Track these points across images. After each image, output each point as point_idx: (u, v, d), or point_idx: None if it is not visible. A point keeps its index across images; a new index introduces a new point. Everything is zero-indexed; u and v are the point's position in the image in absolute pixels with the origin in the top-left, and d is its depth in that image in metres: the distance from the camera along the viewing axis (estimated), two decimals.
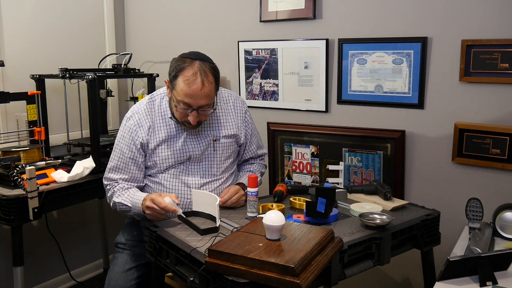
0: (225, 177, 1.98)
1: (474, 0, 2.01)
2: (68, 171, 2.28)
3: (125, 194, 1.86)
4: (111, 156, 1.93)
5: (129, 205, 1.82)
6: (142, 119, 1.87)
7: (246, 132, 2.04)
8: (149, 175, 1.93)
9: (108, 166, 1.93)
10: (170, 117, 1.87)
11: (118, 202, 1.86)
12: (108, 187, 1.93)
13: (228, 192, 1.87)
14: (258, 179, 2.03)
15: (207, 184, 1.92)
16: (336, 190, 2.09)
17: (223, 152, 1.94)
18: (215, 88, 1.78)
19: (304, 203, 1.85)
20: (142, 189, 1.94)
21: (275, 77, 2.64)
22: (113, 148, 1.93)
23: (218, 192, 1.93)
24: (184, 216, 1.73)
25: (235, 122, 1.99)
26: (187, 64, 1.73)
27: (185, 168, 1.89)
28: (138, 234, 2.02)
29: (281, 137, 2.63)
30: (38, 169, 2.22)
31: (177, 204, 1.70)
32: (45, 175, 2.24)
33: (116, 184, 1.90)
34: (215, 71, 1.78)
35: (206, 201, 1.75)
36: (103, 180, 1.95)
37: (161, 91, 1.95)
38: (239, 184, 1.98)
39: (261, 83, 2.70)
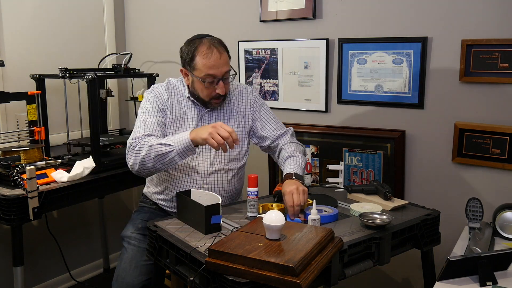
0: (233, 168, 1.99)
1: (474, 0, 2.01)
2: (68, 171, 2.28)
3: (161, 140, 1.79)
4: (137, 121, 1.91)
5: (170, 143, 1.74)
6: (162, 93, 1.95)
7: (254, 116, 2.04)
8: None
9: (137, 129, 1.87)
10: (187, 97, 1.95)
11: (158, 144, 1.76)
12: (133, 144, 1.82)
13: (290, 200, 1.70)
14: (302, 159, 1.95)
15: (215, 173, 1.95)
16: (336, 190, 2.10)
17: None
18: (228, 57, 1.90)
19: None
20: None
21: (275, 77, 2.64)
22: (138, 116, 1.93)
23: (225, 183, 1.98)
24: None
25: (246, 108, 2.04)
26: (197, 44, 1.86)
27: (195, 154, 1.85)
28: (143, 228, 1.98)
29: None
30: (38, 169, 2.22)
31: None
32: (45, 175, 2.24)
33: (144, 139, 1.81)
34: (223, 42, 1.92)
35: (207, 200, 1.75)
36: (128, 141, 1.85)
37: (174, 79, 2.04)
38: (287, 176, 1.86)
39: (261, 83, 2.70)
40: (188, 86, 1.95)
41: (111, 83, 3.12)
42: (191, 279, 1.43)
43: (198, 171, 1.94)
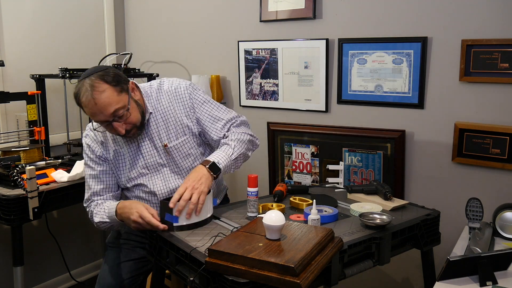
0: None
1: (474, 0, 2.01)
2: (68, 171, 2.28)
3: (101, 211, 1.78)
4: (85, 180, 1.87)
5: (108, 220, 1.75)
6: (96, 136, 1.83)
7: (198, 117, 1.84)
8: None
9: (86, 188, 1.86)
10: None
11: (98, 222, 1.78)
12: (87, 209, 1.85)
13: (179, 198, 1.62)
14: (234, 148, 1.77)
15: (175, 190, 1.70)
16: (336, 190, 2.10)
17: (179, 153, 1.83)
18: (114, 91, 1.65)
19: (304, 203, 1.86)
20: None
21: (275, 77, 2.64)
22: (84, 171, 1.88)
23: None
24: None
25: (184, 113, 1.83)
26: (78, 89, 1.66)
27: (148, 178, 1.82)
28: (126, 232, 2.01)
29: (281, 137, 2.63)
30: (38, 169, 2.22)
31: None
32: (45, 175, 2.24)
33: (92, 203, 1.83)
34: (106, 76, 1.65)
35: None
36: (84, 204, 1.87)
37: None
38: (204, 161, 1.73)
39: (261, 83, 2.70)
40: None
41: None
42: (191, 279, 1.43)
43: (155, 194, 1.83)
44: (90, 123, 1.84)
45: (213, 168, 1.70)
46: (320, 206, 1.78)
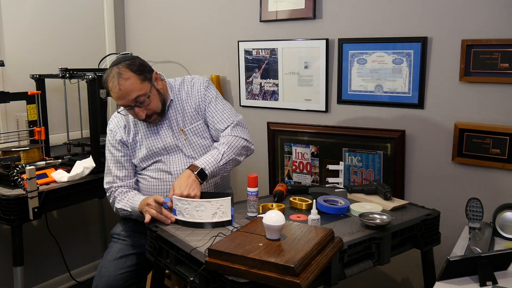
0: None
1: (474, 0, 2.01)
2: (68, 171, 2.28)
3: (125, 199, 1.95)
4: (105, 163, 2.05)
5: (129, 210, 1.92)
6: (119, 121, 2.02)
7: (206, 109, 2.00)
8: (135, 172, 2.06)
9: (105, 172, 2.05)
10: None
11: (119, 208, 1.96)
12: (108, 193, 2.02)
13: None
14: (221, 151, 1.86)
15: None
16: (336, 190, 2.10)
17: (194, 136, 1.99)
18: (138, 80, 1.83)
19: (304, 203, 1.86)
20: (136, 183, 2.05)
21: (275, 77, 2.64)
22: (105, 154, 2.06)
23: None
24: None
25: (195, 102, 2.01)
26: (106, 75, 1.86)
27: (165, 160, 1.98)
28: (133, 225, 2.06)
29: (281, 137, 2.63)
30: (38, 169, 2.22)
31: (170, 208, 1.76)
32: (45, 175, 2.24)
33: (115, 189, 1.99)
34: (132, 66, 1.84)
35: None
36: (104, 186, 2.03)
37: None
38: (190, 166, 1.83)
39: (261, 83, 2.70)
40: None
41: None
42: (191, 279, 1.43)
43: (171, 173, 1.96)
44: (116, 112, 2.04)
45: (201, 175, 1.80)
46: (332, 197, 1.88)
